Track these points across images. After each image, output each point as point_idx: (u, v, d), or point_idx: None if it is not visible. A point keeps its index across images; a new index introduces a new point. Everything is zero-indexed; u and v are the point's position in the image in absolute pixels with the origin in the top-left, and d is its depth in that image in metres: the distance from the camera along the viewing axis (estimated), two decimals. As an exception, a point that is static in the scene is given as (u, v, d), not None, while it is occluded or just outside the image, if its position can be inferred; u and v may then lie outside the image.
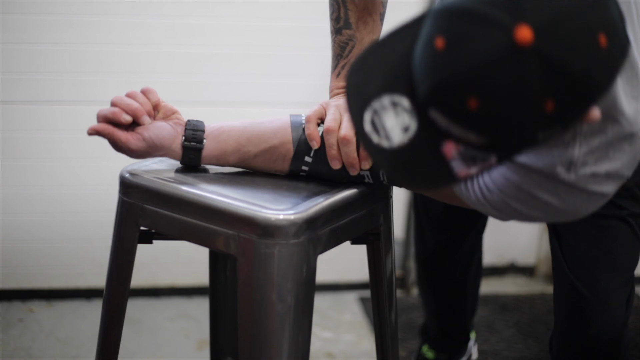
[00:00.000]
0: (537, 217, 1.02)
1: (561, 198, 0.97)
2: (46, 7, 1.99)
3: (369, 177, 1.12)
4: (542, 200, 0.97)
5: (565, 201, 0.97)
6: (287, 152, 1.11)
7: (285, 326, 1.01)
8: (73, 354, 1.96)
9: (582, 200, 0.98)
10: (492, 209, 1.02)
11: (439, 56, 0.78)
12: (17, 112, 2.06)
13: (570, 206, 0.98)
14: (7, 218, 2.13)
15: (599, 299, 1.22)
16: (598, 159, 0.96)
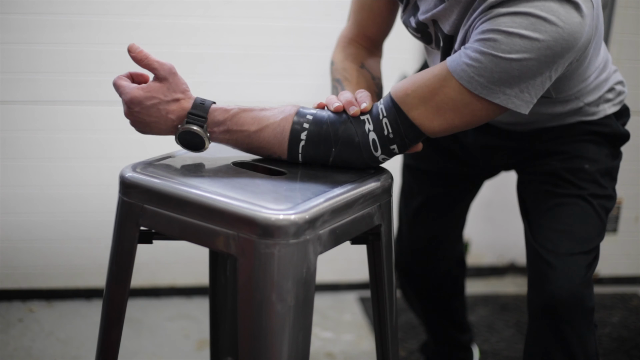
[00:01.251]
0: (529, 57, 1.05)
1: None
2: (46, 7, 1.99)
3: (369, 120, 1.13)
4: None
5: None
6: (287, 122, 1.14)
7: (285, 326, 1.01)
8: (73, 354, 1.96)
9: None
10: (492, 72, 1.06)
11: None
12: (18, 112, 2.06)
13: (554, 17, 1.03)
14: (7, 218, 2.13)
15: (558, 262, 1.29)
16: None
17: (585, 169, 1.33)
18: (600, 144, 1.35)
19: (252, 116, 1.14)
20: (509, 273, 2.58)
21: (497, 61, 1.04)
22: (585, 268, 1.30)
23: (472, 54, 1.06)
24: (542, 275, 1.32)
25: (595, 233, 1.34)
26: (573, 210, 1.33)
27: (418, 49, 2.21)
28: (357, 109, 1.13)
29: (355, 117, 1.13)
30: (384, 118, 1.13)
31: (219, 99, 2.22)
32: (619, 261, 2.55)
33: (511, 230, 2.45)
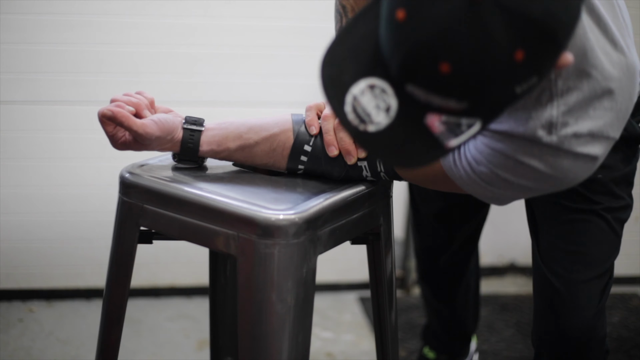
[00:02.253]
0: (527, 186, 1.01)
1: (547, 162, 0.97)
2: (46, 7, 1.99)
3: (367, 168, 1.12)
4: (529, 166, 0.97)
5: (552, 165, 0.97)
6: (287, 140, 1.11)
7: (285, 326, 1.01)
8: (73, 354, 1.96)
9: (569, 164, 0.97)
10: (483, 183, 1.02)
11: (401, 28, 0.77)
12: (18, 112, 2.06)
13: (558, 171, 0.98)
14: (7, 218, 2.13)
15: (570, 292, 1.23)
16: (579, 118, 0.95)
17: (598, 180, 1.22)
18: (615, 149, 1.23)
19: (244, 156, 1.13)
20: (509, 273, 2.58)
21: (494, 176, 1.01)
22: (599, 295, 1.24)
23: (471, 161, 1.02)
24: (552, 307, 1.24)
25: (611, 251, 1.26)
26: (586, 227, 1.23)
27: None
28: (354, 159, 1.11)
29: None
30: (381, 172, 1.12)
31: (218, 99, 2.23)
32: (619, 261, 2.52)
33: (511, 230, 2.45)
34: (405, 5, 0.77)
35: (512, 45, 0.75)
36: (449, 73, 0.76)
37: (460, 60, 0.76)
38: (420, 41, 0.76)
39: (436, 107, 0.82)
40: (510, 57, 0.75)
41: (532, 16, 0.74)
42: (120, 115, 1.06)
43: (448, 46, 0.75)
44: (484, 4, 0.73)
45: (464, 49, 0.75)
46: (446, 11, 0.74)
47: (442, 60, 0.76)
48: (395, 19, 0.78)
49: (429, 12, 0.75)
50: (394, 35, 0.79)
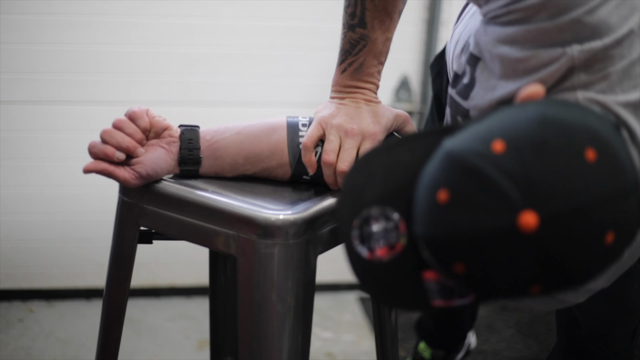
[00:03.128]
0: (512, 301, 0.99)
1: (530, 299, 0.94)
2: (46, 7, 1.99)
3: None
4: None
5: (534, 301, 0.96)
6: (284, 174, 1.10)
7: (285, 326, 1.01)
8: (73, 354, 1.96)
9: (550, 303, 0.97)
10: None
11: (438, 209, 0.74)
12: (17, 112, 2.06)
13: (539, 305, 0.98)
14: (7, 218, 2.13)
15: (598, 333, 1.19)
16: None
17: None
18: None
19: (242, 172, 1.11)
20: (508, 273, 2.58)
21: None
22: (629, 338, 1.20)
23: None
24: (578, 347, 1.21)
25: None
26: None
27: (418, 49, 2.21)
28: None
29: None
30: None
31: (218, 99, 2.23)
32: (618, 261, 2.55)
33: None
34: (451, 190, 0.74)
35: (533, 280, 0.73)
36: (462, 273, 0.75)
37: (477, 270, 0.74)
38: (449, 235, 0.74)
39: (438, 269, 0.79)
40: (526, 288, 0.74)
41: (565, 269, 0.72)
42: (103, 172, 1.04)
43: (471, 254, 0.73)
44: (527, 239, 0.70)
45: (485, 265, 0.73)
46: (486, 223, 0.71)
47: (460, 262, 0.74)
48: (435, 196, 0.75)
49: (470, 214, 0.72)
50: (429, 209, 0.76)
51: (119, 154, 1.02)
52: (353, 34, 1.11)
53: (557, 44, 0.84)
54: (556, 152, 0.71)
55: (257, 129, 1.10)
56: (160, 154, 1.06)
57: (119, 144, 1.03)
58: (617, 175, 0.73)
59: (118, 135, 1.03)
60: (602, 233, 0.71)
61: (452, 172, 0.74)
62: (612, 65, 0.84)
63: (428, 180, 0.77)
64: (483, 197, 0.71)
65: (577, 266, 0.72)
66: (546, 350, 2.10)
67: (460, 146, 0.75)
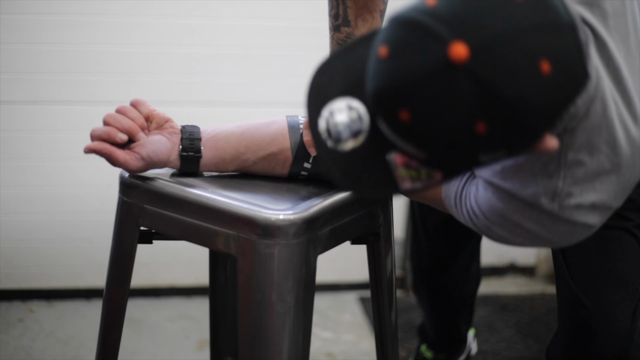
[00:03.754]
0: (521, 243, 1.02)
1: (545, 227, 0.97)
2: (46, 7, 1.99)
3: None
4: (526, 228, 0.98)
5: (549, 230, 0.97)
6: (285, 160, 1.11)
7: (285, 326, 1.01)
8: (73, 354, 1.96)
9: (566, 230, 0.98)
10: (479, 231, 1.03)
11: (380, 64, 0.79)
12: (17, 112, 2.06)
13: (554, 235, 0.98)
14: (7, 218, 2.13)
15: (604, 313, 1.20)
16: (583, 191, 0.95)
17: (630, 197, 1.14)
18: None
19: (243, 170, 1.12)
20: (509, 273, 2.58)
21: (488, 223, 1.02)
22: (630, 317, 1.21)
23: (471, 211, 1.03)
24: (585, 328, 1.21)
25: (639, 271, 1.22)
26: (617, 246, 1.19)
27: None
28: None
29: None
30: None
31: (218, 99, 2.23)
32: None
33: (511, 230, 2.44)
34: (389, 44, 0.78)
35: (475, 115, 0.75)
36: (408, 121, 0.77)
37: (420, 113, 0.76)
38: (390, 83, 0.77)
39: (399, 148, 0.83)
40: (471, 126, 0.75)
41: (502, 96, 0.74)
42: (102, 152, 1.04)
43: (412, 96, 0.76)
44: (460, 70, 0.73)
45: (426, 104, 0.76)
46: (421, 63, 0.75)
47: (404, 108, 0.77)
48: (378, 54, 0.79)
49: (406, 58, 0.76)
50: (373, 68, 0.80)
51: (122, 135, 1.04)
52: (339, 34, 1.15)
53: None
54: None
55: (257, 122, 1.13)
56: (162, 139, 1.08)
57: (121, 125, 1.05)
58: (546, 11, 0.76)
59: (120, 118, 1.06)
60: (534, 59, 0.74)
61: (390, 29, 0.79)
62: None
63: (374, 45, 0.82)
64: (416, 40, 0.76)
65: (514, 93, 0.74)
66: (546, 350, 2.10)
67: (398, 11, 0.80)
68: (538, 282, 2.54)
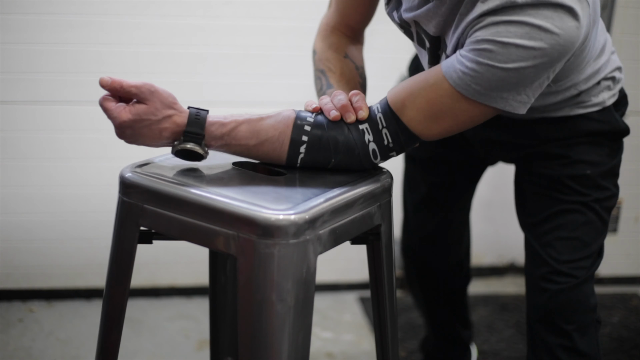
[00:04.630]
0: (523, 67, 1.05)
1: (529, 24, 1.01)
2: (46, 7, 1.99)
3: (369, 131, 1.13)
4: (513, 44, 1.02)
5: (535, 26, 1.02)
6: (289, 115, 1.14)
7: (285, 326, 1.01)
8: (73, 354, 1.96)
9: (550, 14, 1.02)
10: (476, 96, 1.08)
11: None
12: (18, 112, 2.06)
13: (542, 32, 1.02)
14: (7, 218, 2.13)
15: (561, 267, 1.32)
16: None
17: (587, 175, 1.33)
18: (601, 144, 1.35)
19: (250, 129, 1.12)
20: (509, 273, 2.58)
21: (494, 71, 1.04)
22: (586, 269, 1.33)
23: (468, 63, 1.05)
24: (544, 280, 1.33)
25: (598, 236, 1.35)
26: (576, 217, 1.33)
27: (418, 49, 2.22)
28: (353, 116, 1.13)
29: (353, 125, 1.13)
30: (384, 129, 1.13)
31: (219, 99, 2.23)
32: (619, 261, 2.55)
33: (511, 230, 2.44)
34: None
35: None
36: None
37: None
38: None
39: None
40: None
41: None
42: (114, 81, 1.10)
43: None
44: None
45: None
46: None
47: None
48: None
49: None
50: None
51: None
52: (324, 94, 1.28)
53: None
54: None
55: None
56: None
57: None
58: None
59: None
60: None
61: None
62: None
63: None
64: None
65: None
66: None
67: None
68: (538, 283, 2.54)
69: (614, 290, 2.51)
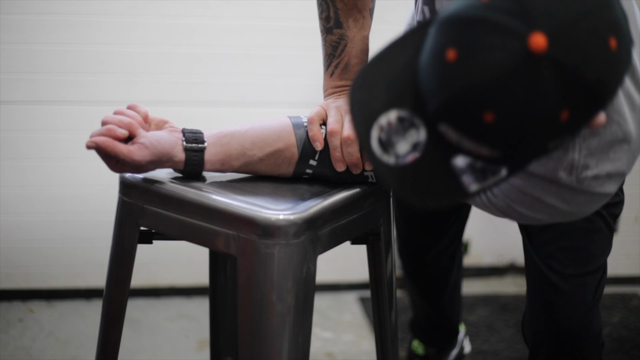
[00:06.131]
0: (541, 219, 1.03)
1: (565, 200, 0.98)
2: (46, 7, 1.99)
3: (373, 177, 1.12)
4: (546, 203, 0.98)
5: (569, 203, 0.98)
6: (292, 156, 1.10)
7: (285, 326, 1.01)
8: (73, 354, 1.96)
9: (585, 201, 0.99)
10: (498, 212, 1.03)
11: (450, 68, 0.76)
12: (17, 112, 2.06)
13: (574, 207, 0.99)
14: (7, 218, 2.13)
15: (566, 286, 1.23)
16: (599, 161, 0.96)
17: None
18: None
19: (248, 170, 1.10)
20: (509, 273, 2.58)
21: None
22: (594, 289, 1.25)
23: None
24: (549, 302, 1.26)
25: (605, 247, 1.26)
26: (581, 224, 1.21)
27: (418, 49, 2.22)
28: (360, 170, 1.10)
29: None
30: None
31: (219, 99, 2.23)
32: (619, 261, 2.54)
33: (511, 230, 2.43)
34: (458, 46, 0.75)
35: (561, 105, 0.74)
36: (492, 122, 0.75)
37: (506, 112, 0.74)
38: (470, 86, 0.75)
39: (466, 150, 0.80)
40: (557, 117, 0.75)
41: (585, 80, 0.74)
42: (104, 145, 0.98)
43: (497, 97, 0.74)
44: (541, 60, 0.72)
45: (513, 102, 0.74)
46: (501, 60, 0.73)
47: (488, 109, 0.74)
48: (444, 57, 0.76)
49: (483, 58, 0.74)
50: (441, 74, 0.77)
51: (122, 130, 1.01)
52: (332, 36, 1.17)
53: None
54: None
55: (260, 122, 1.12)
56: (163, 134, 1.05)
57: (120, 122, 1.01)
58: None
59: (119, 116, 1.03)
60: (605, 38, 0.75)
61: (452, 31, 0.76)
62: None
63: (429, 53, 0.79)
64: (489, 38, 0.74)
65: (594, 75, 0.74)
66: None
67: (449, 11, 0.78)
68: (538, 282, 2.54)
69: (614, 290, 2.50)
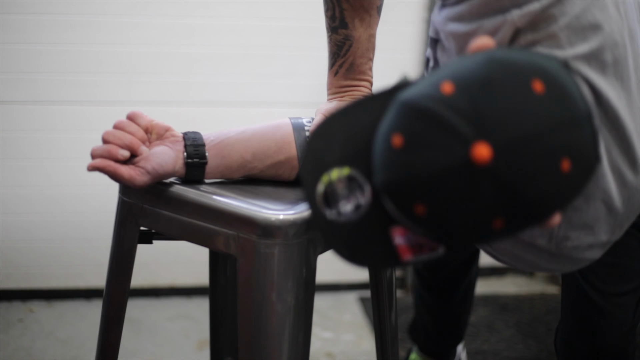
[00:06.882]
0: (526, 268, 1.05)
1: (546, 260, 0.98)
2: (46, 7, 1.99)
3: None
4: (527, 260, 0.99)
5: (550, 262, 0.98)
6: (292, 168, 1.09)
7: (285, 326, 1.01)
8: (73, 354, 1.96)
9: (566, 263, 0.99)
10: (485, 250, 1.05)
11: (394, 154, 0.76)
12: (17, 112, 2.06)
13: (555, 266, 1.00)
14: (7, 218, 2.13)
15: (607, 305, 1.21)
16: (581, 235, 0.95)
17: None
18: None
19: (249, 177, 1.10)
20: (509, 273, 2.58)
21: None
22: (634, 307, 1.23)
23: None
24: (589, 320, 1.23)
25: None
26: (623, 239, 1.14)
27: (418, 49, 2.21)
28: None
29: None
30: None
31: (219, 99, 2.23)
32: None
33: (511, 230, 2.45)
34: (405, 134, 0.75)
35: (494, 213, 0.73)
36: (423, 215, 0.75)
37: (437, 209, 0.74)
38: (406, 177, 0.75)
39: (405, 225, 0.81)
40: (489, 223, 0.74)
41: (524, 197, 0.72)
42: (106, 170, 0.99)
43: (430, 193, 0.74)
44: (481, 171, 0.71)
45: (444, 202, 0.74)
46: (441, 160, 0.72)
47: (420, 202, 0.75)
48: (390, 142, 0.76)
49: (424, 153, 0.73)
50: (386, 156, 0.77)
51: (123, 151, 1.00)
52: (337, 36, 1.15)
53: (498, 13, 0.88)
54: (503, 86, 0.73)
55: (261, 128, 1.10)
56: (165, 150, 1.04)
57: (121, 141, 1.00)
58: (566, 105, 0.74)
59: (120, 134, 1.01)
60: (556, 160, 0.73)
61: (404, 117, 0.76)
62: (555, 23, 0.87)
63: (383, 130, 0.79)
64: (435, 136, 0.73)
65: (536, 195, 0.73)
66: (546, 350, 2.10)
67: (411, 94, 0.77)
68: (538, 282, 2.54)
69: (614, 290, 2.51)
